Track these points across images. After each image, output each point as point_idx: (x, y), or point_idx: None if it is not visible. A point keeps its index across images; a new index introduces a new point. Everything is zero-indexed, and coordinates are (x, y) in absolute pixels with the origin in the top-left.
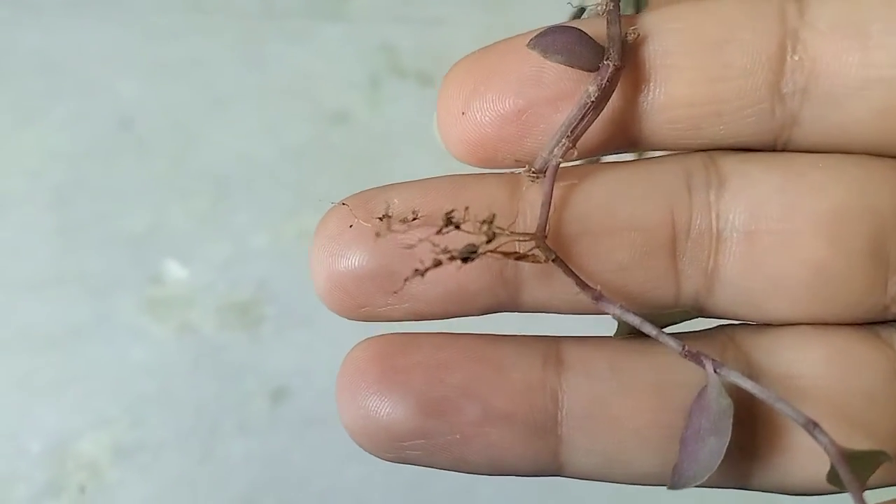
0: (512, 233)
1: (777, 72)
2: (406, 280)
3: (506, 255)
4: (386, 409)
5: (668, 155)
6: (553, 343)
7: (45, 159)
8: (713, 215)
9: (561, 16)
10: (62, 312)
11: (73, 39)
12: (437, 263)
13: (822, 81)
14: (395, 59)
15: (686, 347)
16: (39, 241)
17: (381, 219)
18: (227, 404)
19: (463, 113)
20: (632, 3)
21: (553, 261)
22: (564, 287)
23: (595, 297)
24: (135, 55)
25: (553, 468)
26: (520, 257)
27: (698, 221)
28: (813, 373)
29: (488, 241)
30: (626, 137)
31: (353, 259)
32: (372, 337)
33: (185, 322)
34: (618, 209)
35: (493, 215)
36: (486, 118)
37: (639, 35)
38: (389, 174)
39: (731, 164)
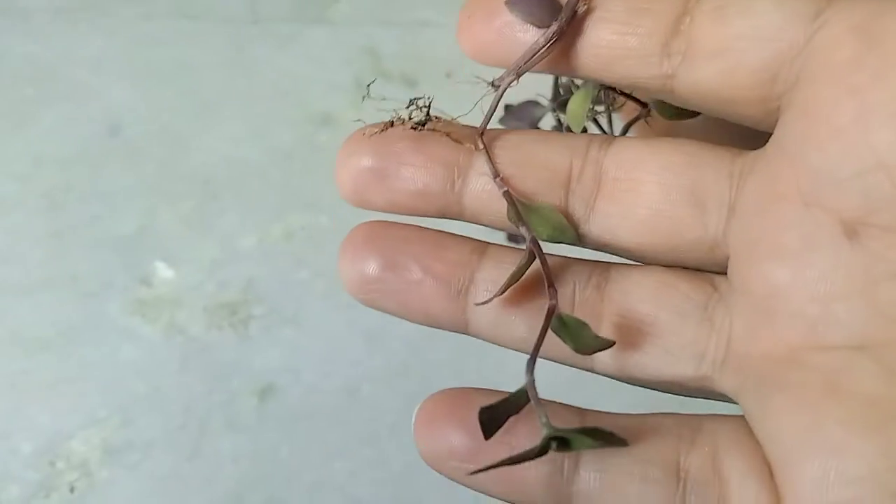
0: (457, 123)
1: (670, 35)
2: (384, 129)
3: (449, 135)
4: (363, 263)
5: (582, 134)
6: (482, 244)
7: (35, 164)
8: (597, 167)
9: None
10: (53, 314)
11: (62, 46)
12: (394, 122)
13: (695, 47)
14: (379, 62)
15: (553, 287)
16: (30, 244)
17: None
18: (216, 402)
19: (469, 17)
20: None
21: (481, 149)
22: (497, 207)
23: (499, 185)
24: (123, 61)
25: (462, 325)
26: (457, 139)
27: (587, 170)
28: (640, 297)
29: (426, 119)
30: (565, 62)
31: (362, 161)
32: (367, 221)
33: (173, 322)
34: (538, 154)
35: (431, 99)
36: (481, 25)
37: (587, 8)
38: None
39: (618, 139)
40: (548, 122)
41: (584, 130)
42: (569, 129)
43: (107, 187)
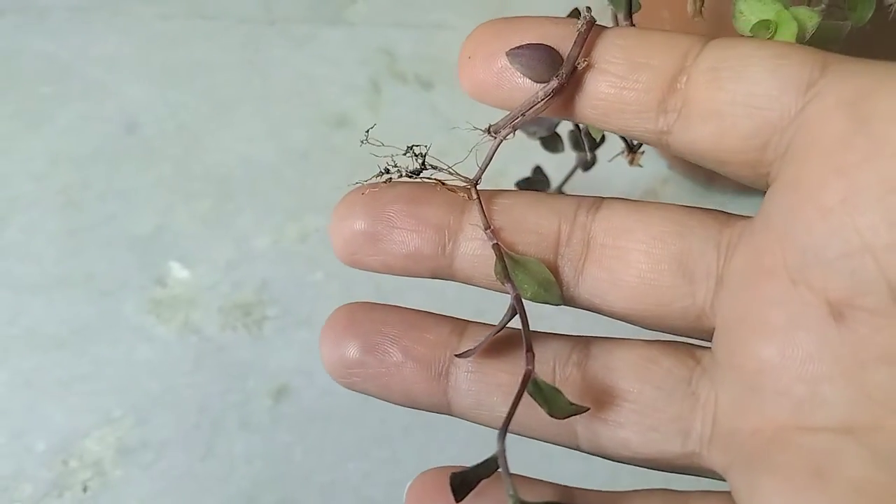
0: (455, 173)
1: (667, 92)
2: (376, 181)
3: (443, 184)
4: (344, 347)
5: (570, 195)
6: (462, 323)
7: (52, 162)
8: (586, 232)
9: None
10: (68, 313)
11: (79, 44)
12: (389, 170)
13: (689, 107)
14: (395, 64)
15: (531, 352)
16: (46, 242)
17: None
18: (230, 403)
19: (469, 57)
20: (623, 3)
21: (474, 199)
22: (487, 271)
23: (489, 237)
24: (139, 60)
25: (444, 406)
26: (452, 189)
27: (576, 235)
28: (622, 373)
29: (422, 168)
30: (564, 110)
31: (355, 224)
32: (347, 304)
33: (188, 322)
34: (528, 217)
35: (427, 148)
36: (481, 67)
37: (587, 64)
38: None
39: (606, 203)
40: (565, 126)
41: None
42: (587, 137)
43: (123, 186)
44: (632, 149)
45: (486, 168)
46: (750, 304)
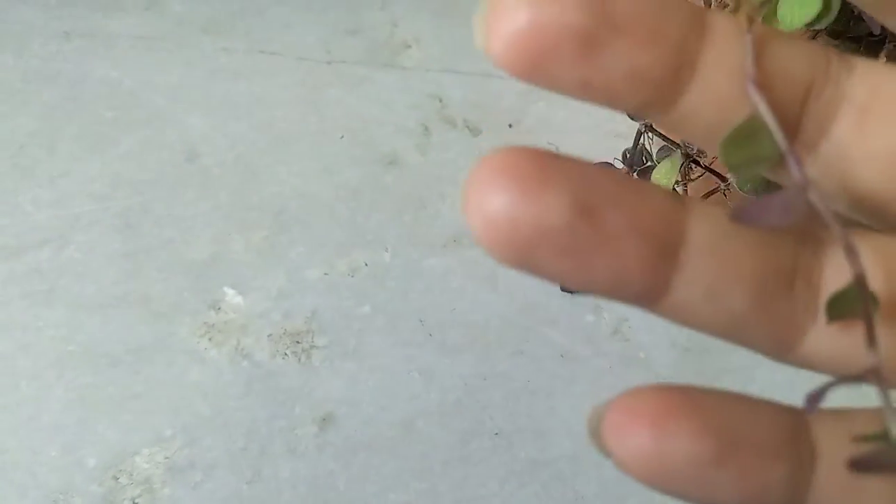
0: None
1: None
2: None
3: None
4: (541, 205)
5: (819, 46)
6: (677, 195)
7: (113, 185)
8: (840, 87)
9: None
10: (124, 332)
11: (142, 73)
12: None
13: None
14: (444, 109)
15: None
16: (105, 262)
17: None
18: (277, 428)
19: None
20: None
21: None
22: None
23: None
24: (201, 91)
25: (657, 293)
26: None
27: (829, 86)
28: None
29: None
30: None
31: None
32: (511, 147)
33: (239, 348)
34: (783, 60)
35: None
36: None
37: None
38: (437, 216)
39: (859, 62)
40: None
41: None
42: None
43: (181, 212)
44: None
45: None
46: None
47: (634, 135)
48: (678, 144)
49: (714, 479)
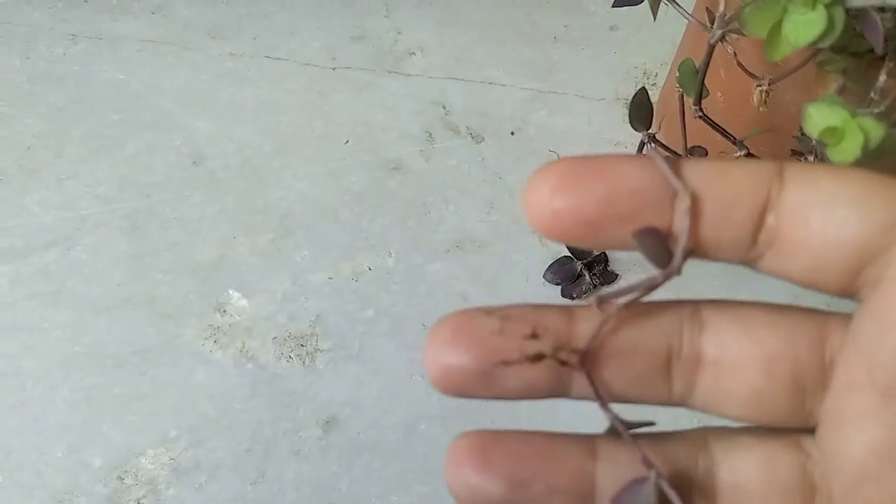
0: (567, 349)
1: (757, 228)
2: (501, 366)
3: (558, 360)
4: (486, 485)
5: (667, 302)
6: (590, 440)
7: (120, 187)
8: (694, 347)
9: (609, 81)
10: (129, 334)
11: (149, 76)
12: (518, 361)
13: (780, 243)
14: (448, 115)
15: (643, 453)
16: (112, 264)
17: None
18: (282, 430)
19: (548, 194)
20: (694, 89)
21: (587, 374)
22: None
23: (602, 407)
24: (207, 95)
25: None
26: (564, 364)
27: (685, 350)
28: (747, 472)
29: (553, 352)
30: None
31: (462, 359)
32: (470, 432)
33: (244, 350)
34: (637, 338)
35: (551, 334)
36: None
37: (693, 249)
38: (440, 221)
39: (707, 313)
40: None
41: None
42: None
43: (188, 214)
44: None
45: (592, 339)
46: (850, 410)
47: (637, 144)
48: (681, 156)
49: None
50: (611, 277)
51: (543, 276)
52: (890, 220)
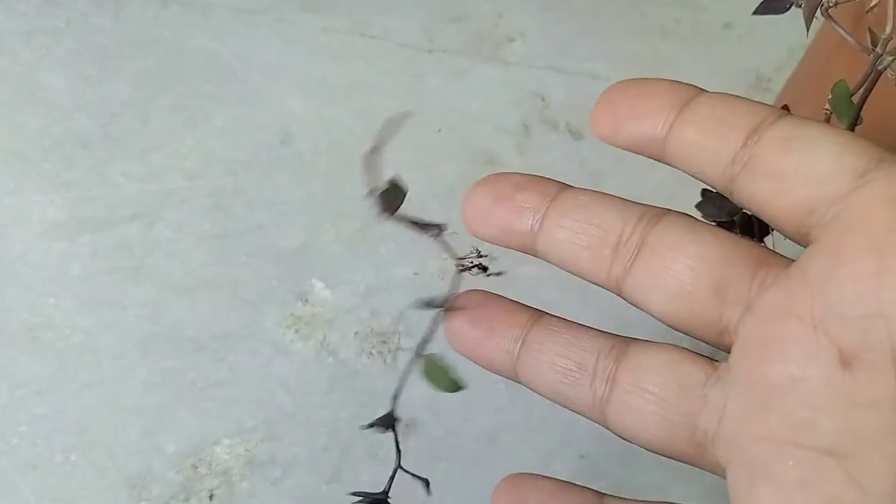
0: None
1: (740, 147)
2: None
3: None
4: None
5: (639, 203)
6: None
7: (205, 163)
8: (642, 235)
9: (719, 82)
10: (210, 317)
11: (241, 47)
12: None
13: (755, 163)
14: (547, 109)
15: None
16: (195, 243)
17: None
18: (359, 430)
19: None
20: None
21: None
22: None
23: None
24: (299, 71)
25: None
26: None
27: (634, 237)
28: (650, 370)
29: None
30: (655, 150)
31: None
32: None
33: (325, 343)
34: (598, 215)
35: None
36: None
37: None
38: None
39: (668, 217)
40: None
41: None
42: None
43: (274, 196)
44: None
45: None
46: (773, 335)
47: None
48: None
49: None
50: None
51: None
52: (860, 168)
